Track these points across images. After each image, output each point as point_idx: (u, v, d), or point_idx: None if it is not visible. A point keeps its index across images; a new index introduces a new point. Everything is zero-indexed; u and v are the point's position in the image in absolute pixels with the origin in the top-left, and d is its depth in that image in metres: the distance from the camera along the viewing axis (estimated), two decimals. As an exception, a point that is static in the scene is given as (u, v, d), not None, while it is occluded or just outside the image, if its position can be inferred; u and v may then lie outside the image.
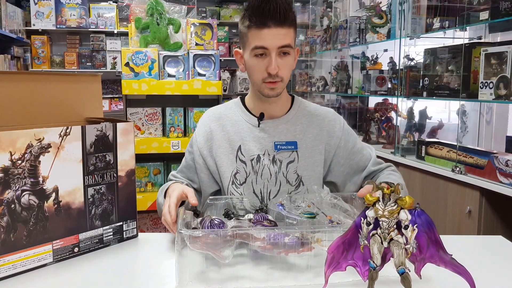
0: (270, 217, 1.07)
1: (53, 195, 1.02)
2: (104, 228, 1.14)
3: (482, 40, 2.75)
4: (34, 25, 5.11)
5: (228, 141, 1.34)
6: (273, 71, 1.22)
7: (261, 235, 0.95)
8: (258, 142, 1.33)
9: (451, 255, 0.77)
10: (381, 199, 0.78)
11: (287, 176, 1.32)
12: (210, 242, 0.92)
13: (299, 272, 0.97)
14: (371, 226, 0.78)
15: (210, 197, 1.25)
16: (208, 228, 1.01)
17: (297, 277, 0.96)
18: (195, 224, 1.05)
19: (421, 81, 2.79)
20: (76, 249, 1.08)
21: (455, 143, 2.48)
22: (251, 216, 1.08)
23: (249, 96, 1.40)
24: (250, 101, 1.38)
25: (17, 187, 0.96)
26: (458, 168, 2.35)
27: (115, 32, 5.43)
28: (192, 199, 1.12)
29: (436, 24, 2.65)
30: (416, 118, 3.02)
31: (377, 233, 0.78)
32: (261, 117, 1.34)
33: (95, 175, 1.10)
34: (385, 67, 3.49)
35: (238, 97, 1.44)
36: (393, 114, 3.33)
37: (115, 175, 1.15)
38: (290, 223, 1.05)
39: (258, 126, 1.34)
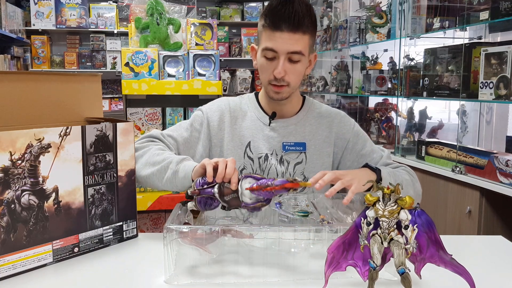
0: (257, 175, 1.06)
1: (53, 195, 1.02)
2: (104, 228, 1.14)
3: (482, 40, 2.75)
4: (34, 25, 5.10)
5: (239, 136, 1.34)
6: (278, 75, 1.21)
7: (249, 232, 0.95)
8: (267, 141, 1.32)
9: (451, 255, 0.77)
10: (381, 199, 0.78)
11: (293, 177, 1.31)
12: (198, 237, 0.93)
13: (288, 271, 0.96)
14: (371, 226, 0.78)
15: None
16: (200, 204, 1.02)
17: (282, 274, 0.95)
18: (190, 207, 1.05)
19: (421, 81, 2.79)
20: (76, 249, 1.08)
21: (455, 143, 2.48)
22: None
23: (261, 93, 1.39)
24: (263, 99, 1.38)
25: (17, 187, 0.96)
26: (458, 168, 2.35)
27: (115, 32, 5.43)
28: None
29: (436, 24, 2.65)
30: (416, 118, 3.02)
31: (377, 233, 0.78)
32: (273, 116, 1.34)
33: (95, 175, 1.10)
34: (385, 67, 3.49)
35: (253, 92, 1.44)
36: (393, 114, 3.33)
37: (115, 175, 1.15)
38: (282, 221, 1.06)
39: (269, 125, 1.34)
